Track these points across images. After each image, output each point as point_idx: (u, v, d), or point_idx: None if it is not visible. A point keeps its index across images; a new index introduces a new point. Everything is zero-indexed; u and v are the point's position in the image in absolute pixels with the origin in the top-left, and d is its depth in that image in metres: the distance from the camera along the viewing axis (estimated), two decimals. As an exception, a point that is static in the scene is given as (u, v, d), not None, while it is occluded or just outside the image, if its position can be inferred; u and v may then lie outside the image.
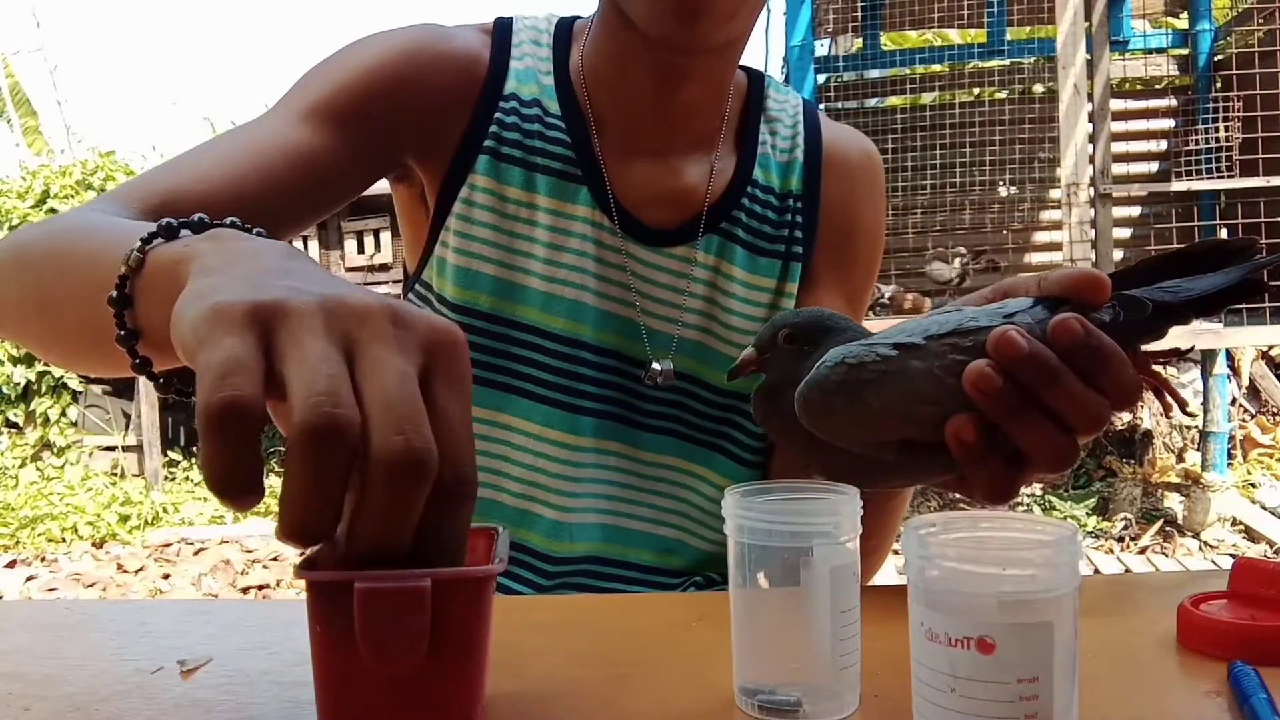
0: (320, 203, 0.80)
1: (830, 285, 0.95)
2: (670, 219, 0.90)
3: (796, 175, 0.94)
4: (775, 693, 0.52)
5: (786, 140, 0.95)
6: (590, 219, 0.88)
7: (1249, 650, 0.55)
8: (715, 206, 0.91)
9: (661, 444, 0.90)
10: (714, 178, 0.91)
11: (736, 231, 0.91)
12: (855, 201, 0.96)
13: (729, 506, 0.53)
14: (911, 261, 5.05)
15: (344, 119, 0.80)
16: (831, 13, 5.47)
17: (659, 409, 0.90)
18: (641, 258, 0.89)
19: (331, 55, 0.84)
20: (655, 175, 0.89)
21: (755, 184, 0.92)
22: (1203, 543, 4.20)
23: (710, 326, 0.90)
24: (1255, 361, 5.48)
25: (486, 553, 0.57)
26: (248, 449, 0.37)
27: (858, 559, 0.53)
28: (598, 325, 0.88)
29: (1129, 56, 5.25)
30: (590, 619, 0.72)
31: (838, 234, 0.95)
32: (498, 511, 0.88)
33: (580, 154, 0.88)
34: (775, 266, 0.92)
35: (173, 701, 0.57)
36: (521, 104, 0.88)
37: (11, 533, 4.92)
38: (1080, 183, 3.91)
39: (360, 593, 0.48)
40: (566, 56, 0.91)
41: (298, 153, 0.77)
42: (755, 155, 0.92)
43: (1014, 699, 0.43)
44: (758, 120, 0.94)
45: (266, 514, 5.33)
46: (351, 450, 0.38)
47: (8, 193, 6.40)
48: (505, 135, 0.87)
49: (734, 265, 0.91)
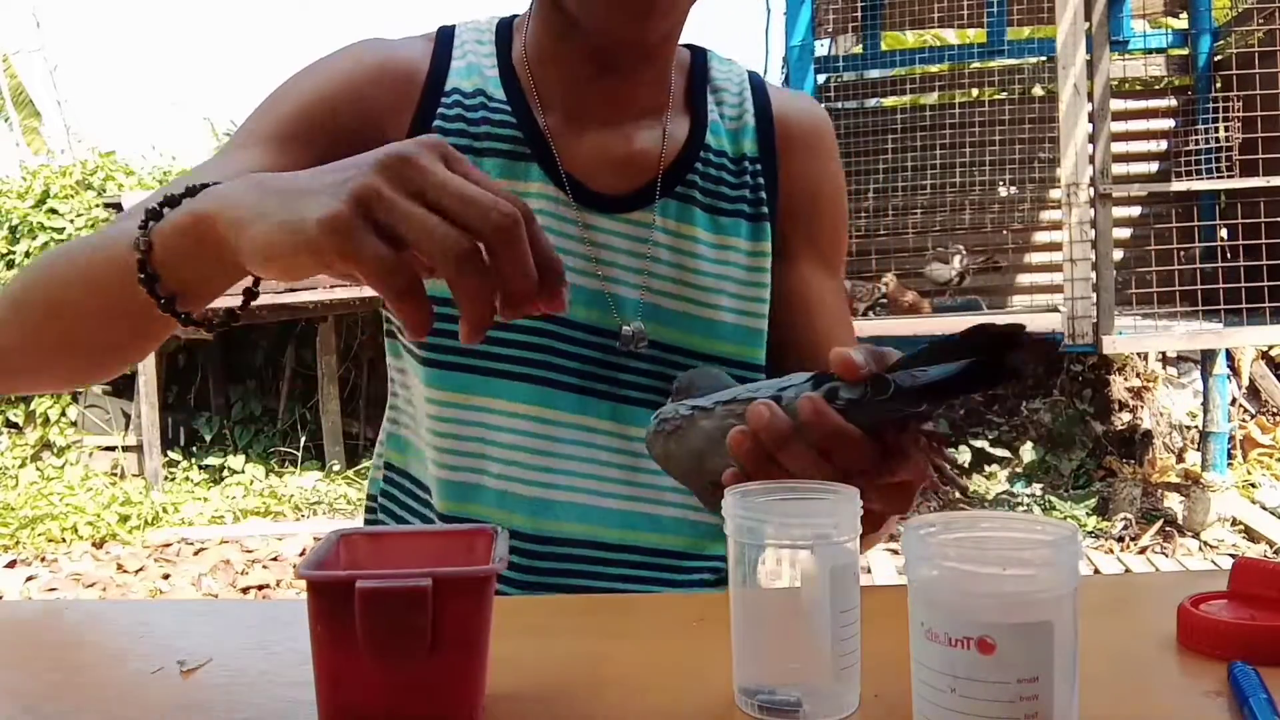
0: None
1: (806, 255, 0.97)
2: (624, 185, 0.91)
3: (750, 139, 0.95)
4: (775, 693, 0.52)
5: (734, 108, 0.96)
6: (543, 193, 0.89)
7: (1249, 650, 0.55)
8: (670, 171, 0.92)
9: (636, 416, 0.89)
10: (667, 142, 0.92)
11: (693, 194, 0.92)
12: (813, 164, 0.97)
13: (729, 506, 0.53)
14: (911, 261, 5.05)
15: (310, 137, 0.85)
16: (831, 13, 5.47)
17: (638, 379, 0.90)
18: (600, 226, 0.90)
19: (286, 82, 0.89)
20: (605, 143, 0.91)
21: (708, 149, 0.94)
22: (1203, 543, 4.21)
23: (683, 292, 0.91)
24: (1255, 361, 5.48)
25: (486, 553, 0.57)
26: (426, 302, 0.52)
27: (858, 559, 0.53)
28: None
29: (1129, 56, 5.25)
30: (590, 619, 0.72)
31: (803, 199, 0.97)
32: (480, 495, 0.88)
33: (527, 132, 0.90)
34: (741, 227, 0.93)
35: (173, 701, 0.57)
36: (464, 96, 0.91)
37: (11, 533, 4.92)
38: (1080, 183, 3.90)
39: (360, 593, 0.49)
40: (509, 50, 0.94)
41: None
42: (706, 122, 0.94)
43: (1014, 699, 0.43)
44: (704, 91, 0.96)
45: (266, 514, 5.33)
46: (477, 252, 0.52)
47: (8, 193, 6.40)
48: (448, 127, 0.89)
49: (696, 228, 0.92)
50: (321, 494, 5.56)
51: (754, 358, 0.92)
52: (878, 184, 5.20)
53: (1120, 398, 5.40)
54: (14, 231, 6.24)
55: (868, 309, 4.65)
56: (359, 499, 5.40)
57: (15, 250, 6.19)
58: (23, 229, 6.21)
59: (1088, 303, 3.91)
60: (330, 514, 5.31)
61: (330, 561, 0.57)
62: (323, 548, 0.56)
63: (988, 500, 4.99)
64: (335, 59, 0.90)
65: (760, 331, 0.93)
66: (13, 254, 6.20)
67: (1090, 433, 5.30)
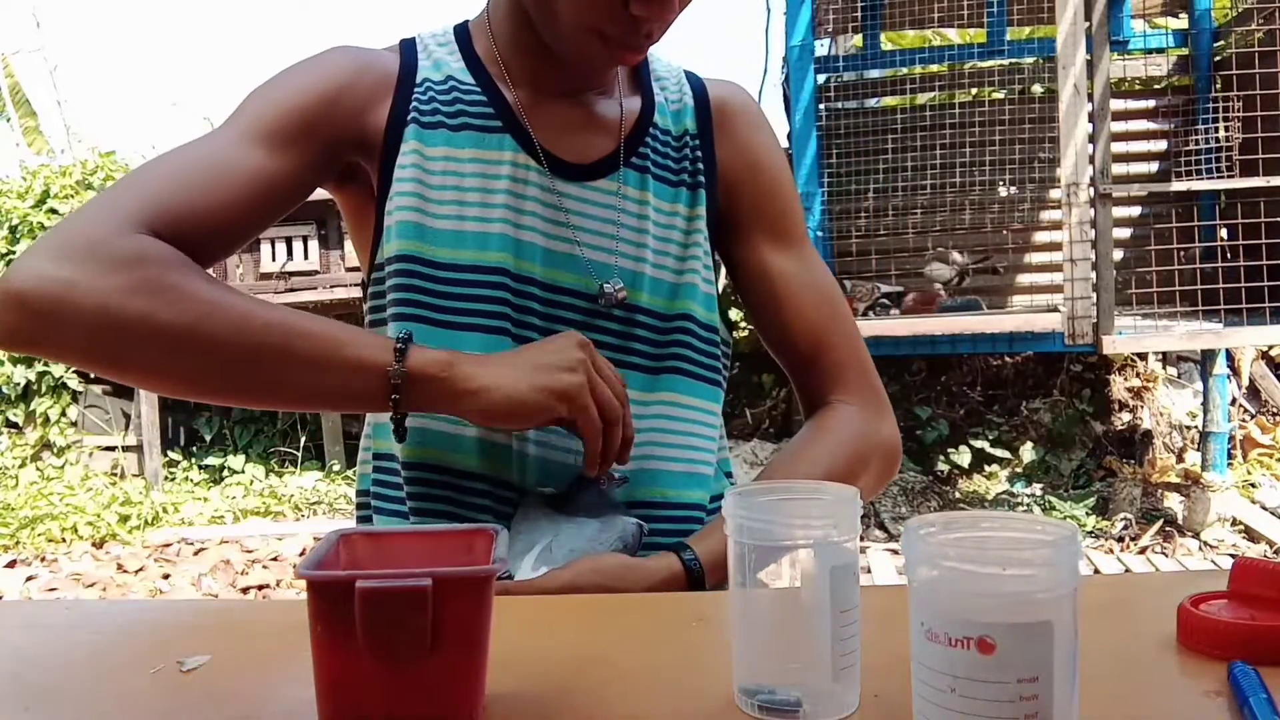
0: (276, 213, 0.90)
1: (758, 229, 1.03)
2: (589, 153, 0.98)
3: (689, 118, 1.03)
4: (775, 693, 0.52)
5: (675, 92, 1.05)
6: (516, 161, 0.95)
7: (1249, 650, 0.55)
8: (628, 141, 0.99)
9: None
10: (625, 116, 1.00)
11: (647, 165, 0.99)
12: (750, 137, 1.05)
13: (729, 506, 0.54)
14: (911, 261, 5.05)
15: (293, 136, 0.89)
16: (831, 13, 5.46)
17: (608, 339, 0.94)
18: (570, 193, 0.96)
19: (270, 82, 0.93)
20: (569, 113, 0.98)
21: (656, 126, 1.02)
22: (1203, 543, 4.20)
23: (642, 254, 0.97)
24: (1255, 361, 5.47)
25: (486, 553, 0.57)
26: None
27: (858, 559, 0.53)
28: (540, 260, 0.94)
29: (1129, 56, 5.25)
30: (590, 619, 0.72)
31: (742, 169, 1.03)
32: (460, 444, 0.91)
33: (497, 107, 0.96)
34: (682, 194, 1.01)
35: (173, 701, 0.57)
36: (435, 84, 0.97)
37: (11, 533, 4.92)
38: (1080, 183, 3.90)
39: (360, 593, 0.49)
40: (471, 47, 1.00)
41: (258, 176, 0.86)
42: (654, 103, 1.03)
43: (1014, 699, 0.43)
44: (649, 78, 1.05)
45: (266, 514, 5.33)
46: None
47: (8, 193, 6.40)
48: (424, 109, 0.95)
49: (652, 195, 0.99)
50: (321, 494, 5.56)
51: (693, 312, 0.98)
52: (878, 184, 5.20)
53: (1120, 398, 5.40)
54: (14, 231, 6.24)
55: (867, 309, 4.65)
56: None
57: (15, 250, 6.19)
58: (23, 229, 6.21)
59: (1088, 303, 3.91)
60: (330, 514, 5.31)
61: (330, 561, 0.57)
62: (323, 548, 0.56)
63: (988, 500, 4.99)
64: (314, 63, 0.94)
65: (695, 287, 0.98)
66: (13, 254, 6.20)
67: (1090, 433, 5.30)
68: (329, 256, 5.93)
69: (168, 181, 0.83)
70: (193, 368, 0.78)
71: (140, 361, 0.77)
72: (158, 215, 0.80)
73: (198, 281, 0.78)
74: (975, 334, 4.37)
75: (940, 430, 5.26)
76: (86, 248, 0.75)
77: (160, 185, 0.82)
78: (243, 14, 37.82)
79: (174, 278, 0.76)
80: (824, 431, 0.99)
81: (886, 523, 4.46)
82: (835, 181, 5.12)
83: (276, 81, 0.93)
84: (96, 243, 0.76)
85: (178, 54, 32.22)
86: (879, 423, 1.01)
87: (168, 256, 0.78)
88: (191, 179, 0.84)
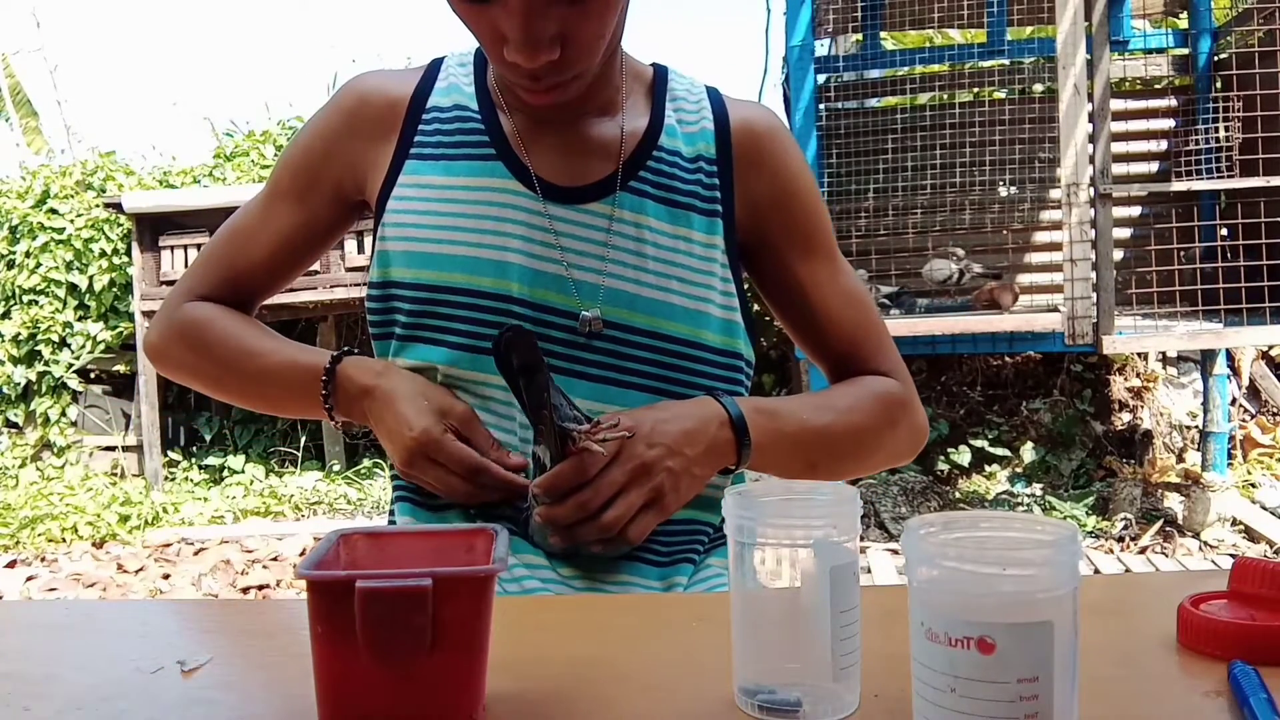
0: (305, 262, 1.10)
1: (789, 248, 1.04)
2: (584, 177, 0.99)
3: (706, 142, 1.03)
4: (775, 693, 0.52)
5: (693, 114, 1.04)
6: (507, 188, 0.98)
7: (1249, 650, 0.55)
8: (628, 164, 1.00)
9: (604, 393, 0.95)
10: (626, 139, 1.01)
11: (646, 189, 1.00)
12: (781, 164, 1.05)
13: (729, 506, 0.54)
14: (911, 261, 5.05)
15: (303, 191, 1.04)
16: (831, 13, 5.46)
17: (598, 359, 0.96)
18: (562, 216, 0.98)
19: (296, 134, 1.07)
20: (565, 140, 1.00)
21: (662, 148, 1.02)
22: (1203, 543, 4.20)
23: (639, 277, 0.97)
24: (1255, 361, 5.47)
25: (486, 553, 0.57)
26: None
27: (858, 559, 0.53)
28: (526, 281, 0.96)
29: (1129, 56, 5.24)
30: (590, 619, 0.72)
31: (776, 197, 1.04)
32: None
33: (494, 136, 1.00)
34: (694, 219, 1.00)
35: (173, 701, 0.57)
36: (441, 112, 1.02)
37: (11, 533, 4.92)
38: (1080, 183, 3.90)
39: (360, 593, 0.49)
40: (484, 73, 1.04)
41: (278, 234, 1.06)
42: (663, 125, 1.02)
43: (1014, 699, 0.43)
44: (664, 99, 1.05)
45: (266, 514, 5.33)
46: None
47: (8, 193, 6.39)
48: (426, 140, 1.01)
49: (650, 217, 0.99)
50: (321, 494, 5.55)
51: (703, 339, 0.98)
52: (878, 184, 5.19)
53: (1120, 398, 5.40)
54: (14, 231, 6.23)
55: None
56: (359, 499, 5.40)
57: (15, 250, 6.19)
58: (23, 229, 6.20)
59: (1088, 303, 3.90)
60: (330, 514, 5.31)
61: (330, 561, 0.57)
62: (322, 548, 0.56)
63: (988, 500, 4.99)
64: (323, 110, 1.05)
65: (708, 315, 0.99)
66: (13, 254, 6.20)
67: (1090, 433, 5.30)
68: (329, 257, 5.94)
69: (219, 250, 1.09)
70: (229, 392, 1.10)
71: (201, 386, 1.11)
72: (209, 283, 1.08)
73: (219, 332, 1.05)
74: (975, 334, 4.37)
75: (940, 430, 5.26)
76: (164, 316, 1.09)
77: (213, 255, 1.09)
78: (243, 14, 37.81)
79: (208, 336, 1.05)
80: (859, 383, 1.04)
81: (886, 523, 4.46)
82: (835, 181, 5.12)
83: (296, 135, 1.06)
84: (170, 311, 1.08)
85: (178, 54, 32.20)
86: (912, 400, 1.06)
87: (207, 317, 1.06)
88: (232, 247, 1.08)
